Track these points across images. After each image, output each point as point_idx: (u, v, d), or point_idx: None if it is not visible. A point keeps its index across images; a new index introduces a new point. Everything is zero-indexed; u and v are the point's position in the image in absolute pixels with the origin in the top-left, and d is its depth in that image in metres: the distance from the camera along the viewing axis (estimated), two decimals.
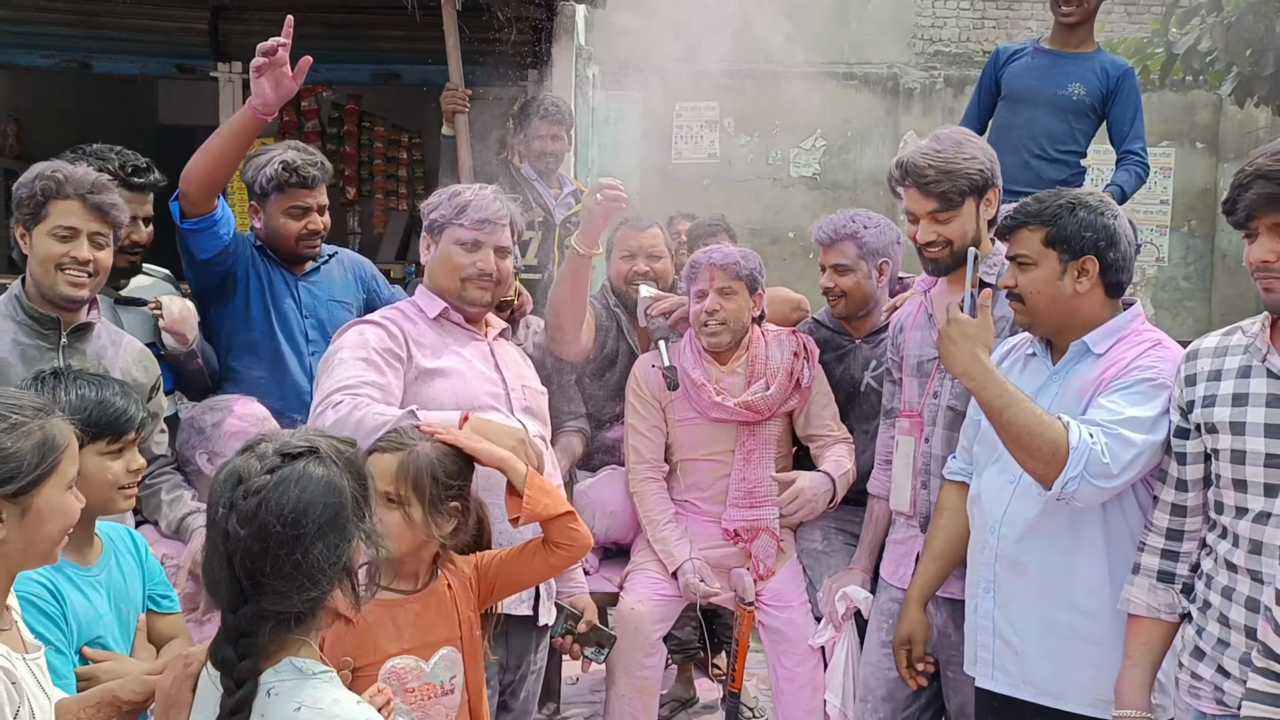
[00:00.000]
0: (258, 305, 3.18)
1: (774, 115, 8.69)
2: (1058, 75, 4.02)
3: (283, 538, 1.48)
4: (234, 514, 1.49)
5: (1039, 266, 2.26)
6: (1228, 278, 8.68)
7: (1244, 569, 1.92)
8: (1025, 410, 2.15)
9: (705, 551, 3.17)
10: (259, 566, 1.47)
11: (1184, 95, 8.30)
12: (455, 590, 2.16)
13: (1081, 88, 3.98)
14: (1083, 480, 2.09)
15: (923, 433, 2.75)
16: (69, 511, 1.62)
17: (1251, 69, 4.82)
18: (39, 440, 1.57)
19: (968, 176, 2.60)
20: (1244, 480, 1.93)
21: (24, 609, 1.80)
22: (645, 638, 3.09)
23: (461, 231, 2.69)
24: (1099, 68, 4.03)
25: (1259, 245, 1.90)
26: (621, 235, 3.55)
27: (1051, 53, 4.08)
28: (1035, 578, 2.27)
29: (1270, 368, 1.92)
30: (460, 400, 2.57)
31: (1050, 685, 2.26)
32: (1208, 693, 1.98)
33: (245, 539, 1.48)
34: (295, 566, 1.48)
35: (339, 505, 1.54)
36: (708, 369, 3.21)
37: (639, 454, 3.25)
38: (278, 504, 1.49)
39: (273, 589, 1.48)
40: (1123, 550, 2.21)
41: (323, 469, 1.55)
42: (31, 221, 2.49)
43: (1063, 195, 2.30)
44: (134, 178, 2.94)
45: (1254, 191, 1.87)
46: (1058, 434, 2.11)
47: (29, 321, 2.52)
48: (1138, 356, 2.21)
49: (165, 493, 2.69)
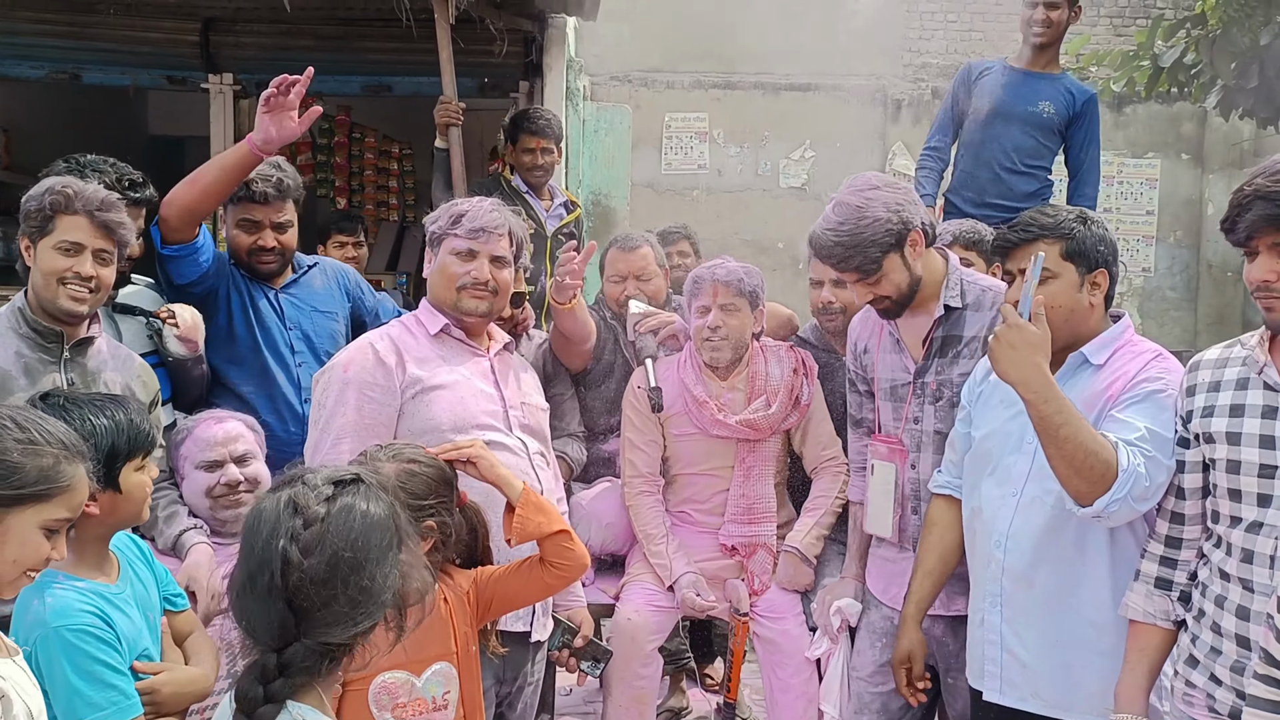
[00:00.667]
0: (240, 322, 3.18)
1: (763, 126, 8.72)
2: (1028, 93, 4.14)
3: (352, 563, 1.47)
4: (297, 544, 1.46)
5: (1059, 279, 2.27)
6: (1213, 288, 8.73)
7: (1236, 577, 1.95)
8: (1084, 429, 2.07)
9: (701, 564, 3.18)
10: (323, 596, 1.45)
11: (1169, 107, 8.36)
12: (452, 604, 2.16)
13: (1051, 106, 4.12)
14: (1125, 502, 2.07)
15: (906, 460, 2.74)
16: (34, 552, 1.58)
17: (1236, 81, 4.87)
18: (44, 466, 1.56)
19: (875, 243, 2.54)
20: (1239, 490, 1.96)
21: (88, 642, 1.86)
22: (641, 648, 3.10)
23: (457, 241, 2.69)
24: (1065, 90, 4.18)
25: (1259, 265, 1.93)
26: (611, 258, 3.55)
27: (1021, 71, 4.22)
28: (1042, 591, 2.28)
29: (1267, 380, 1.95)
30: (457, 418, 2.57)
31: (1059, 697, 2.28)
32: (1200, 700, 2.01)
33: (311, 567, 1.45)
34: (362, 592, 1.47)
35: (395, 531, 1.54)
36: (709, 385, 3.21)
37: (635, 468, 3.26)
38: (344, 529, 1.49)
39: (333, 618, 1.45)
40: (1127, 562, 2.23)
41: (375, 496, 1.56)
42: (38, 234, 2.49)
43: (1068, 210, 2.33)
44: (130, 191, 2.93)
45: (1254, 212, 1.90)
46: (1110, 455, 2.05)
47: (32, 335, 2.52)
48: (1143, 368, 2.23)
49: (161, 509, 2.68)
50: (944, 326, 2.68)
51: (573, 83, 5.79)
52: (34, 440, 1.56)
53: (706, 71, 8.75)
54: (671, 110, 8.66)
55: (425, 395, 2.58)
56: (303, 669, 1.44)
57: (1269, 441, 1.92)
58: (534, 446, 2.69)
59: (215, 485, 2.70)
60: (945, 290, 2.67)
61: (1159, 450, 2.11)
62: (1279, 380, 1.93)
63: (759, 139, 8.75)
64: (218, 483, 2.70)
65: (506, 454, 2.58)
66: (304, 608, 1.44)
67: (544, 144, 4.46)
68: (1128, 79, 5.63)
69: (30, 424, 1.58)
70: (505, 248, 2.73)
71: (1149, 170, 8.67)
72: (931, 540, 2.57)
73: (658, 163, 8.58)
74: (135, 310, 3.02)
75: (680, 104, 8.66)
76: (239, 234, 3.21)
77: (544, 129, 4.46)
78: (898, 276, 2.61)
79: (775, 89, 8.74)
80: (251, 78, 5.81)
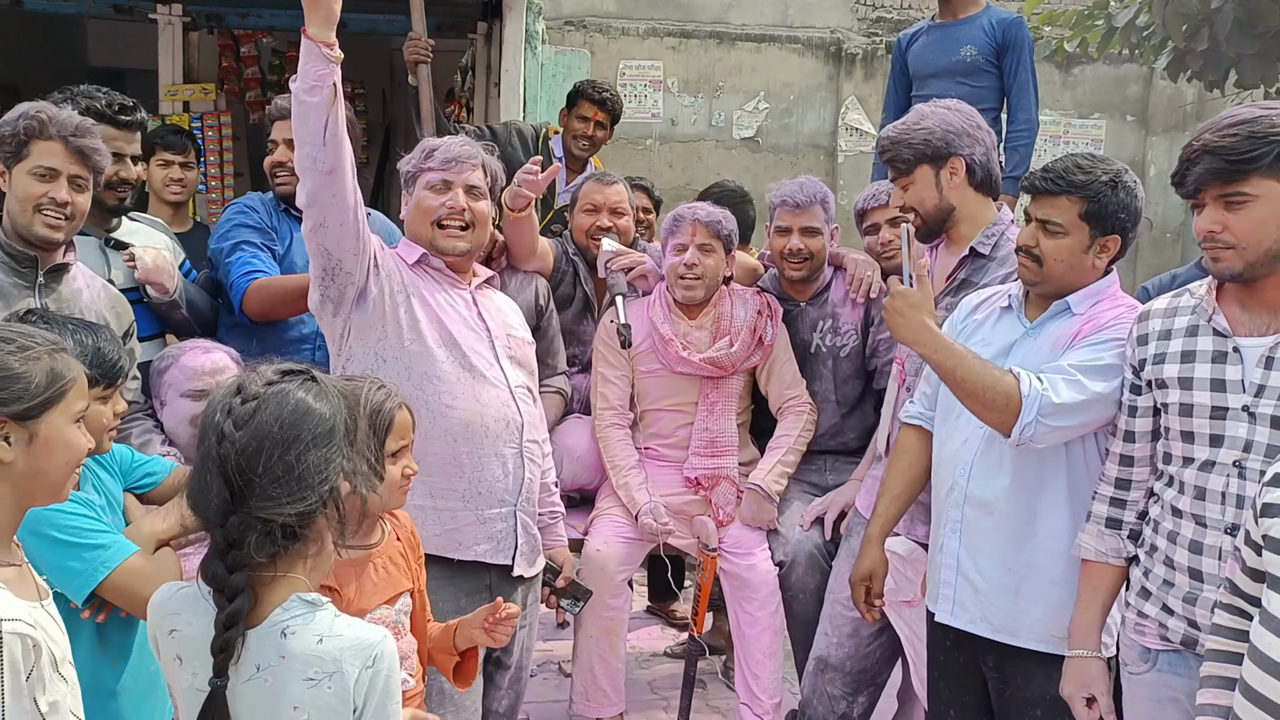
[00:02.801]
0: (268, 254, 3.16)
1: (718, 77, 8.71)
2: (949, 44, 4.24)
3: (278, 439, 1.53)
4: (231, 418, 1.54)
5: (1070, 236, 2.30)
6: (1152, 248, 8.96)
7: (1189, 514, 2.03)
8: (976, 367, 2.27)
9: (667, 498, 3.24)
10: (251, 465, 1.52)
11: (1116, 69, 8.51)
12: (403, 540, 2.19)
13: (972, 49, 4.19)
14: (1038, 423, 2.21)
15: (904, 383, 2.84)
16: (76, 446, 1.62)
17: (1186, 44, 4.97)
18: (49, 368, 1.57)
19: (912, 146, 2.71)
20: (1191, 432, 2.04)
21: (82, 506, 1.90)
22: (610, 579, 3.16)
23: (431, 174, 2.68)
24: (986, 24, 4.24)
25: (1205, 216, 2.00)
26: (587, 189, 3.55)
27: (942, 25, 4.32)
28: (1001, 518, 2.37)
29: (1216, 326, 2.03)
30: (443, 333, 2.59)
31: (1006, 623, 2.37)
32: (1152, 629, 2.10)
33: (241, 439, 1.53)
34: (288, 470, 1.53)
35: (333, 424, 1.59)
36: (676, 323, 3.27)
37: (606, 400, 3.31)
38: (276, 408, 1.56)
39: (262, 493, 1.52)
40: (1084, 494, 2.32)
41: (319, 390, 1.61)
42: (12, 160, 2.46)
43: (1105, 169, 2.30)
44: (121, 115, 2.92)
45: (1201, 166, 1.96)
46: (1009, 384, 2.23)
47: (7, 260, 2.48)
48: (1114, 318, 2.31)
49: (135, 438, 2.67)
50: (967, 270, 2.75)
51: (532, 25, 5.71)
52: (25, 347, 1.57)
53: (662, 19, 8.70)
54: (626, 58, 8.60)
55: (412, 305, 2.58)
56: (249, 544, 1.52)
57: (1219, 385, 2.00)
58: (517, 379, 2.70)
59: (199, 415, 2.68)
60: (982, 235, 2.73)
61: (1084, 374, 2.22)
62: (1227, 327, 2.01)
63: (713, 89, 8.74)
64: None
65: (485, 386, 2.60)
66: (236, 481, 1.52)
67: (600, 117, 4.39)
68: (1080, 39, 5.72)
69: (14, 334, 1.59)
70: (480, 179, 2.71)
71: (1094, 131, 8.83)
72: (900, 467, 2.66)
73: None
74: (127, 247, 2.98)
75: (635, 51, 8.61)
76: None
77: (606, 102, 4.39)
78: (925, 191, 2.73)
79: (731, 39, 8.73)
80: (201, 10, 5.66)
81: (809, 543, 3.18)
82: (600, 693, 3.27)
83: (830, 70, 8.80)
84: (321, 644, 1.54)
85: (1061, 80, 8.67)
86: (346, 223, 2.45)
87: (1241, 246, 1.95)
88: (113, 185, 2.93)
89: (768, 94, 8.77)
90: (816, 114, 8.77)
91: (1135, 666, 2.15)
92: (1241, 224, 1.94)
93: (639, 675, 4.11)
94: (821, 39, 8.79)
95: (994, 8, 4.38)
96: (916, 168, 2.72)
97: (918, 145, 2.71)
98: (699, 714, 3.59)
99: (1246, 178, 1.93)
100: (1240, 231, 1.94)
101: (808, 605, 3.13)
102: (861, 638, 2.90)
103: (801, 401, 3.32)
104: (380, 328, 2.56)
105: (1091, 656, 2.19)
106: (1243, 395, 1.97)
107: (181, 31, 5.64)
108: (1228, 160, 1.93)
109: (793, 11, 8.82)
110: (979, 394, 2.26)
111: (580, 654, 3.26)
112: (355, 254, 2.50)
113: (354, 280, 2.52)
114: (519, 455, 2.64)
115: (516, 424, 2.63)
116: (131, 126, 2.97)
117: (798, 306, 3.41)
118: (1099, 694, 2.16)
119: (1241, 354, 1.98)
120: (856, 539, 2.93)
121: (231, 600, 1.53)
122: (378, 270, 2.57)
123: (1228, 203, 1.96)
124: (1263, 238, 1.93)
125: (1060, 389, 2.22)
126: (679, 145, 8.70)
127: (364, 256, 2.52)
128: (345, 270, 2.51)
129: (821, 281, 3.40)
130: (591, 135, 4.41)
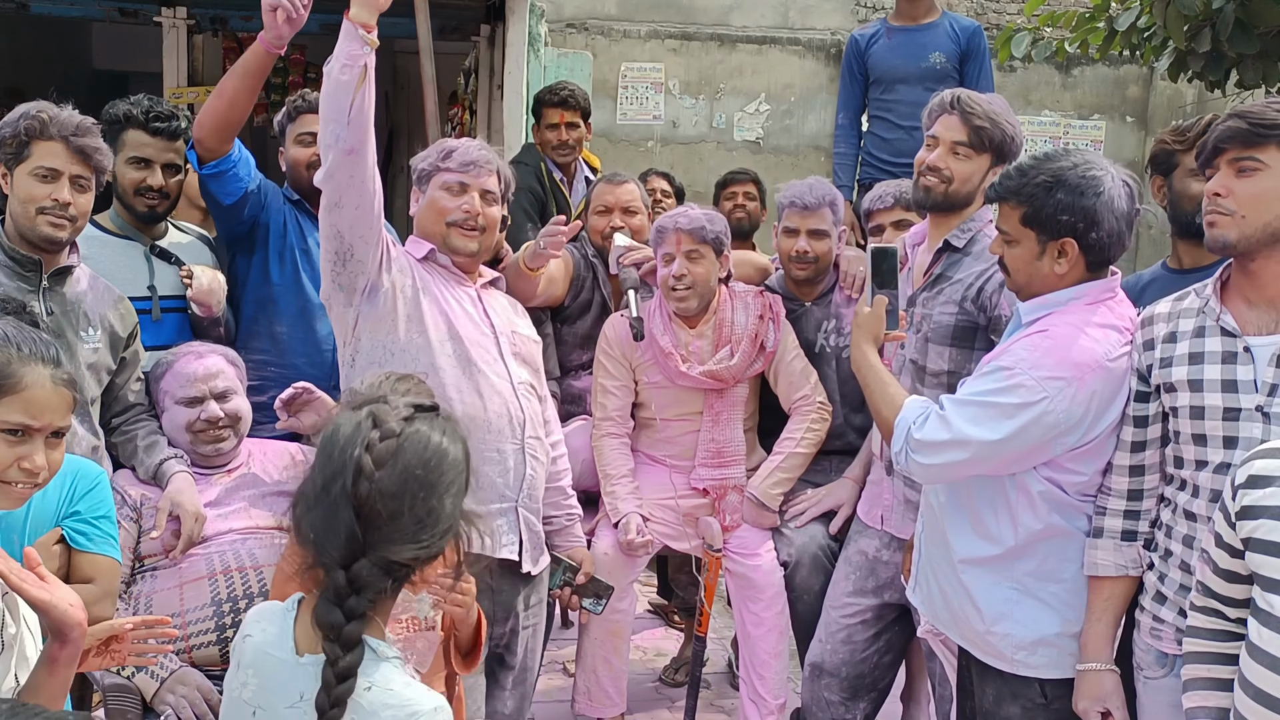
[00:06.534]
0: (287, 259, 3.12)
1: (719, 79, 8.72)
2: (916, 49, 4.29)
3: (420, 481, 1.46)
4: (370, 453, 1.44)
5: (1019, 244, 2.22)
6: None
7: (1203, 517, 1.99)
8: (878, 392, 2.36)
9: (677, 500, 3.24)
10: (391, 509, 1.43)
11: (1116, 70, 8.50)
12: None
13: (941, 55, 4.27)
14: (905, 454, 2.23)
15: None
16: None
17: (1188, 45, 4.96)
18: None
19: (975, 116, 2.65)
20: (1204, 435, 2.00)
21: None
22: (616, 583, 3.14)
23: (448, 175, 2.70)
24: (950, 30, 4.32)
25: (1216, 179, 1.99)
26: (599, 191, 3.55)
27: (904, 29, 4.35)
28: (940, 510, 2.40)
29: (1224, 326, 2.00)
30: (448, 328, 2.60)
31: (938, 611, 2.42)
32: (1169, 634, 2.07)
33: (381, 479, 1.43)
34: (429, 513, 1.45)
35: (464, 470, 1.53)
36: (676, 334, 3.24)
37: (604, 410, 3.30)
38: (419, 449, 1.47)
39: (390, 538, 1.44)
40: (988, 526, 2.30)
41: (451, 430, 1.54)
42: (14, 161, 2.46)
43: (1043, 169, 2.18)
44: (153, 122, 2.91)
45: (1228, 124, 1.97)
46: (891, 414, 2.29)
47: (10, 263, 2.49)
48: (1021, 340, 2.21)
49: (141, 438, 2.69)
50: (942, 264, 2.73)
51: (534, 28, 5.72)
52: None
53: (663, 22, 8.70)
54: (628, 60, 8.61)
55: (420, 300, 2.60)
56: (370, 586, 1.43)
57: (1231, 386, 1.97)
58: (521, 376, 2.71)
59: (195, 421, 2.69)
60: (958, 229, 2.70)
61: (959, 410, 2.18)
62: (1235, 326, 1.98)
63: (714, 91, 8.75)
64: (198, 418, 2.69)
65: (486, 381, 2.61)
66: (371, 520, 1.43)
67: (568, 117, 4.15)
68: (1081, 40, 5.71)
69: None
70: (495, 184, 2.73)
71: (1094, 132, 8.81)
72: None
73: (613, 112, 8.52)
74: (172, 258, 2.99)
75: (636, 54, 8.61)
76: (299, 150, 3.14)
77: (567, 100, 4.15)
78: (953, 159, 2.68)
79: (731, 42, 8.73)
80: (206, 12, 5.66)
81: (814, 543, 3.17)
82: (603, 693, 3.27)
83: (831, 72, 8.78)
84: (369, 692, 1.43)
85: (1061, 81, 8.66)
86: (363, 207, 2.47)
87: (1241, 215, 1.94)
88: (141, 192, 2.92)
89: (769, 96, 8.77)
90: (817, 115, 8.76)
91: (1152, 671, 2.12)
92: (1247, 191, 1.95)
93: (644, 675, 4.11)
94: (822, 40, 8.80)
95: (950, 13, 4.46)
96: (984, 152, 2.67)
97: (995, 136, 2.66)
98: (704, 714, 3.59)
99: (1264, 145, 1.93)
100: (1244, 198, 1.95)
101: (812, 606, 3.12)
102: (856, 643, 2.91)
103: (810, 402, 3.28)
104: (390, 322, 2.58)
105: (1105, 670, 2.14)
106: (1256, 395, 1.94)
107: (186, 34, 5.64)
108: (1250, 123, 1.94)
109: (793, 14, 8.83)
110: (878, 416, 2.39)
111: (584, 655, 3.26)
112: (369, 243, 2.51)
113: (365, 270, 2.54)
114: (520, 451, 2.65)
115: (518, 420, 2.64)
116: (162, 134, 2.94)
117: (802, 306, 3.40)
118: (1114, 708, 2.12)
119: (1253, 353, 1.96)
120: (855, 547, 2.94)
121: (348, 651, 1.42)
122: (390, 266, 2.58)
123: (1240, 169, 1.96)
124: (1264, 210, 1.93)
125: (929, 424, 2.20)
126: (680, 147, 8.69)
127: (377, 249, 2.54)
128: (357, 258, 2.52)
129: (826, 282, 3.39)
130: (566, 139, 4.19)
